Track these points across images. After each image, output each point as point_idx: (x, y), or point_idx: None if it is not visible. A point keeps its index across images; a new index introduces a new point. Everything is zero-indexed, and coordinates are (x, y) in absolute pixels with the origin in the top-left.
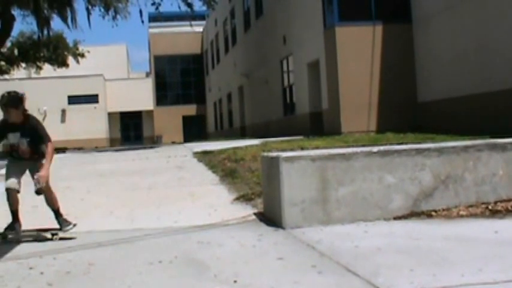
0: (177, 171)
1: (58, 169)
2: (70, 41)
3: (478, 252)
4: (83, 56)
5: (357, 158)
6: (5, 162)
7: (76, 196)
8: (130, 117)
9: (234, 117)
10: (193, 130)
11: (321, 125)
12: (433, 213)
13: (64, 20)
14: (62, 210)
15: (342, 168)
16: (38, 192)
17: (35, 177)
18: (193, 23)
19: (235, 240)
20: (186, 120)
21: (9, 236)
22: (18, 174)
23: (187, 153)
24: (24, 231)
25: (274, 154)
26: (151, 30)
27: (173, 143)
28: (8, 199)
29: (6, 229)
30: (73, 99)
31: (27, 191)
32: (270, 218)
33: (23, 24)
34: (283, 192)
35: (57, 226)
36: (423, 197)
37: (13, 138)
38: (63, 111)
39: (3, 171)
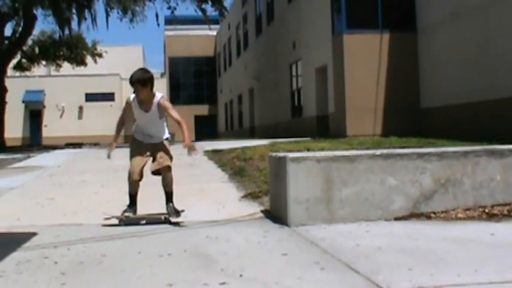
0: (188, 168)
1: (74, 163)
2: (89, 41)
3: (475, 254)
4: (100, 55)
5: (361, 160)
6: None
7: (91, 190)
8: None
9: (244, 118)
10: (205, 129)
11: (327, 128)
12: (432, 215)
13: (79, 22)
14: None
15: (346, 170)
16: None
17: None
18: (207, 26)
19: (242, 236)
20: (198, 119)
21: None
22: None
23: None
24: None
25: (281, 154)
26: (167, 33)
27: None
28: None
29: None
30: (90, 97)
31: (43, 183)
32: (276, 215)
33: (44, 24)
34: (289, 191)
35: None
36: (423, 199)
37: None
38: (81, 108)
39: (20, 164)
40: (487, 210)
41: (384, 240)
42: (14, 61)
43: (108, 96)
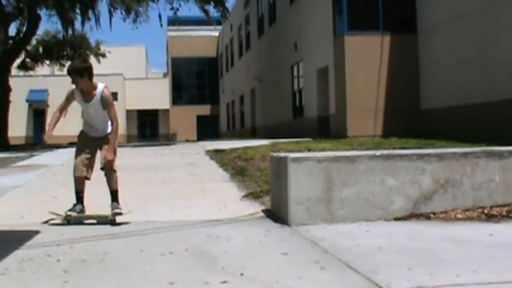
0: (189, 167)
1: None
2: (92, 41)
3: (473, 254)
4: (104, 55)
5: (361, 160)
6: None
7: (93, 188)
8: (148, 115)
9: (245, 118)
10: (207, 129)
11: (328, 129)
12: (432, 215)
13: (83, 22)
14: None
15: (347, 170)
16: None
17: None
18: (209, 27)
19: (243, 235)
20: (200, 119)
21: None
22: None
23: (200, 151)
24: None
25: (282, 154)
26: (170, 33)
27: (187, 141)
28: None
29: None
30: None
31: (47, 182)
32: (277, 215)
33: (48, 24)
34: (290, 191)
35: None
36: (423, 200)
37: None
38: None
39: (23, 162)
40: (486, 211)
41: (384, 240)
42: (18, 61)
43: (111, 96)
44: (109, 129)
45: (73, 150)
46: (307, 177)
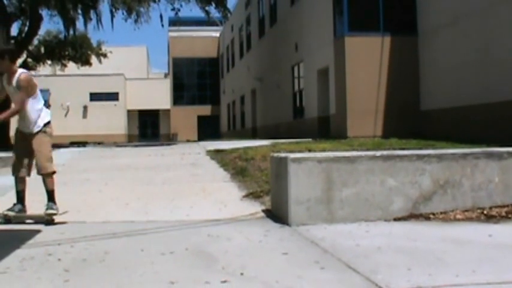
0: (190, 167)
1: (79, 162)
2: (94, 41)
3: (473, 254)
4: (105, 55)
5: (361, 161)
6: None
7: (94, 188)
8: (148, 115)
9: (246, 119)
10: (208, 129)
11: (328, 129)
12: (431, 216)
13: (84, 22)
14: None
15: (347, 170)
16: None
17: None
18: (210, 28)
19: (243, 235)
20: (201, 119)
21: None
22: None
23: (201, 151)
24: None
25: (282, 155)
26: (171, 34)
27: (188, 141)
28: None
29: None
30: (94, 96)
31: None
32: (277, 215)
33: (50, 24)
34: (290, 191)
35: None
36: (422, 200)
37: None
38: (85, 108)
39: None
40: (485, 212)
41: (384, 241)
42: (20, 60)
43: (112, 96)
44: (37, 124)
45: (74, 150)
46: (308, 177)
